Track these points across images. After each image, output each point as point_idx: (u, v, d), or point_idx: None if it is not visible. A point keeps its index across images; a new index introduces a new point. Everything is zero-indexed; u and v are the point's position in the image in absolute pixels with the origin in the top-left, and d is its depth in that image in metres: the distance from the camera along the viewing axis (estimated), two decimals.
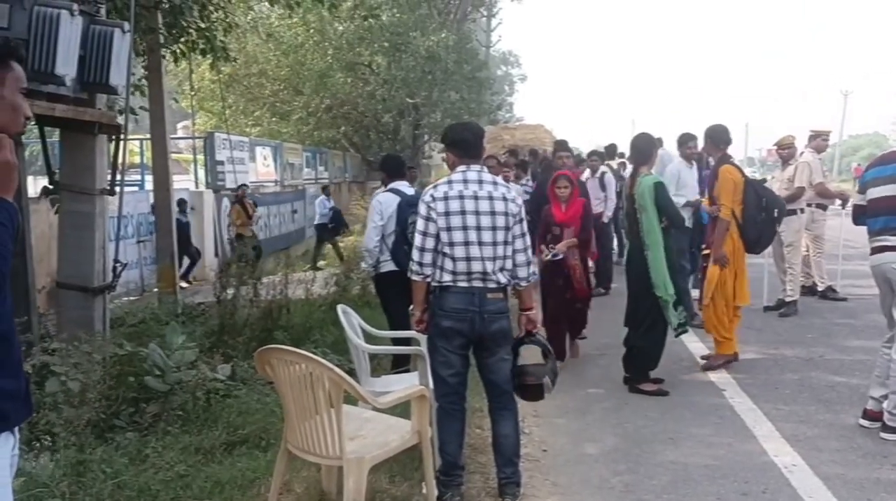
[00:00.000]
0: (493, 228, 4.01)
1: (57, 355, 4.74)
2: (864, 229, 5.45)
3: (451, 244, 3.99)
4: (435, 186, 4.13)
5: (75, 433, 4.31)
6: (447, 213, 4.00)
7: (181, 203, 15.08)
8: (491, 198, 4.04)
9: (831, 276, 9.70)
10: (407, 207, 5.70)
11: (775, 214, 6.67)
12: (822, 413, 5.53)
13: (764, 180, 7.70)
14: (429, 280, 4.08)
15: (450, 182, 4.09)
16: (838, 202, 9.59)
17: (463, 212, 4.00)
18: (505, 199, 4.06)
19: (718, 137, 6.78)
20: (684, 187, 8.43)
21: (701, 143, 7.52)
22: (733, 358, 6.72)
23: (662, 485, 4.37)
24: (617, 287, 9.62)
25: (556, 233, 6.80)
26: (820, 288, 9.58)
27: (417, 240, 4.07)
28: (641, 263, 5.99)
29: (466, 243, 3.98)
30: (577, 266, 6.81)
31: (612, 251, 11.68)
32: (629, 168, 7.67)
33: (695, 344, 7.40)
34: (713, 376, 6.44)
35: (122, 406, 4.90)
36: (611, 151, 13.78)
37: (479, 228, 3.99)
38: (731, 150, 6.91)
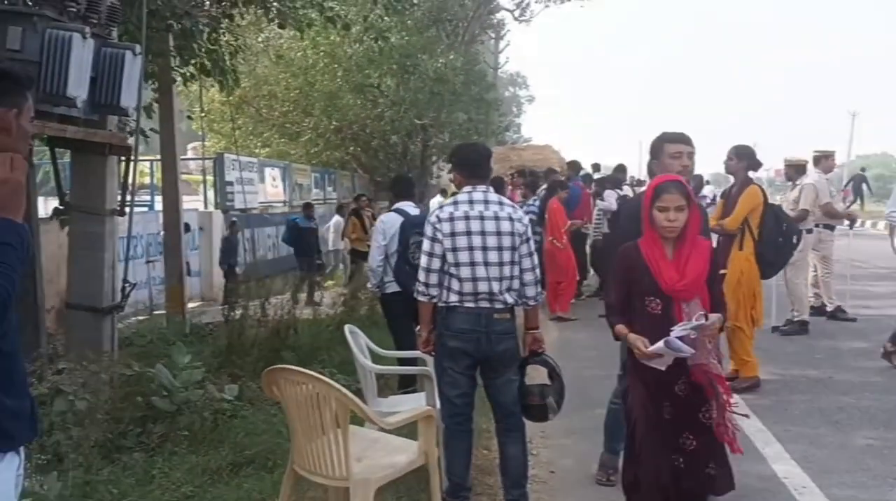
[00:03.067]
0: (500, 248, 4.02)
1: (65, 375, 4.76)
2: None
3: (457, 264, 4.00)
4: (441, 207, 4.16)
5: (83, 453, 4.32)
6: (453, 234, 4.02)
7: (307, 207, 15.16)
8: (497, 218, 4.06)
9: (840, 297, 9.65)
10: (410, 228, 5.73)
11: (794, 240, 6.66)
12: (832, 434, 5.48)
13: (779, 206, 7.66)
14: (435, 300, 4.08)
15: (455, 203, 4.12)
16: (846, 222, 9.57)
17: (469, 233, 4.02)
18: (511, 219, 4.08)
19: (747, 159, 6.69)
20: None
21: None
22: (758, 380, 6.60)
23: None
24: None
25: (654, 311, 3.45)
26: (829, 309, 9.53)
27: (423, 260, 4.08)
28: None
29: (472, 264, 3.99)
30: (722, 379, 3.50)
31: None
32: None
33: None
34: None
35: (129, 426, 4.91)
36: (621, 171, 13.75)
37: (485, 248, 4.01)
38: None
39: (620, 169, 13.94)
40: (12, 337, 2.15)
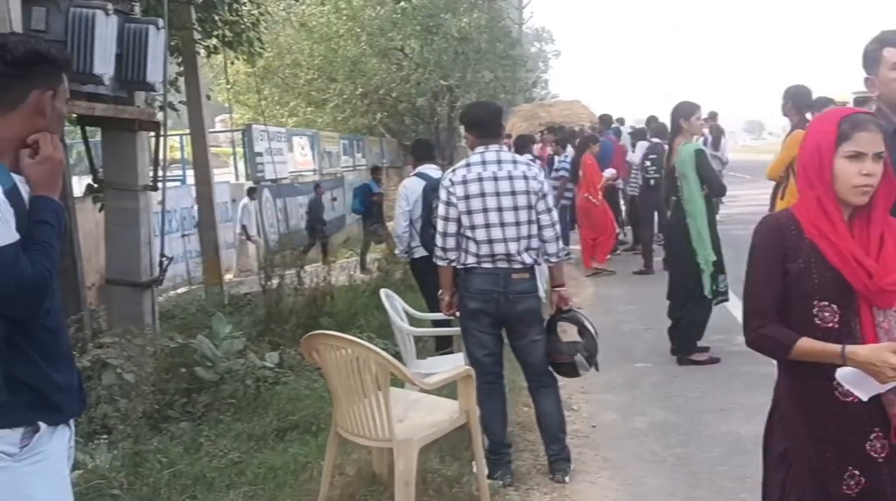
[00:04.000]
0: (515, 208, 3.99)
1: (110, 348, 4.85)
2: None
3: (473, 227, 3.99)
4: (454, 170, 4.13)
5: (131, 424, 4.41)
6: (467, 197, 3.99)
7: (375, 170, 15.77)
8: (511, 177, 4.01)
9: None
10: (431, 192, 5.70)
11: None
12: None
13: None
14: (454, 264, 4.08)
15: (468, 165, 4.08)
16: None
17: (483, 195, 3.98)
18: (525, 177, 4.03)
19: (801, 100, 6.38)
20: None
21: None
22: None
23: (715, 457, 4.33)
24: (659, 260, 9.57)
25: (826, 324, 2.19)
26: None
27: (439, 225, 4.08)
28: (682, 234, 5.92)
29: (487, 225, 3.97)
30: None
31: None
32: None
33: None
34: None
35: (174, 396, 4.99)
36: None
37: (500, 209, 3.98)
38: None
39: (653, 120, 13.61)
40: (56, 313, 2.18)
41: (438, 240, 4.09)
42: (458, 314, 4.25)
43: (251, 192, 15.09)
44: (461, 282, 4.11)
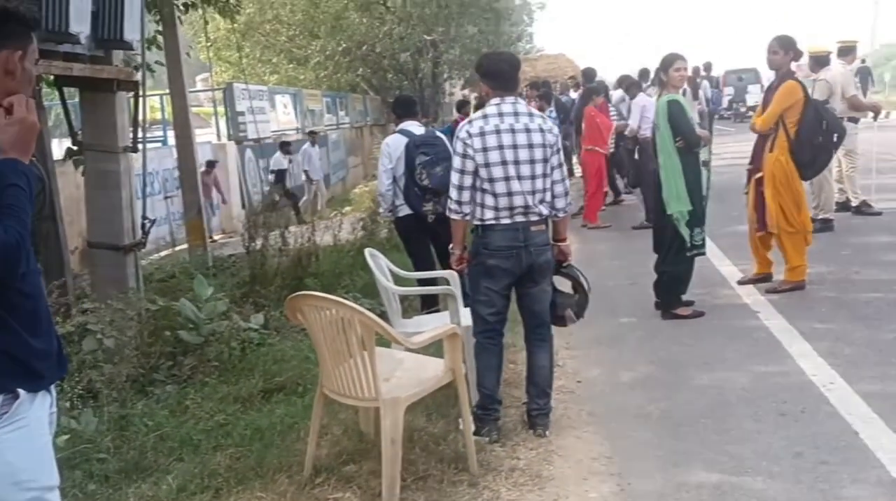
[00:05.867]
0: (532, 161, 3.98)
1: (92, 314, 4.82)
2: None
3: (492, 180, 3.96)
4: (470, 122, 4.08)
5: (116, 388, 4.41)
6: (485, 149, 3.96)
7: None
8: (528, 130, 4.00)
9: (865, 191, 9.50)
10: (414, 148, 5.64)
11: (834, 139, 6.31)
12: (859, 330, 5.46)
13: (826, 101, 7.33)
14: (468, 218, 4.06)
15: (485, 116, 4.04)
16: (871, 115, 9.32)
17: (501, 147, 3.96)
18: (542, 131, 4.02)
19: (795, 51, 6.34)
20: None
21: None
22: (802, 285, 6.42)
23: (699, 410, 4.37)
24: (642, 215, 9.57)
25: None
26: (854, 204, 9.39)
27: (455, 178, 4.04)
28: (660, 187, 5.92)
29: (507, 178, 3.95)
30: None
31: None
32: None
33: (727, 268, 7.31)
34: (747, 298, 6.38)
35: (159, 360, 4.98)
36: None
37: (517, 162, 3.96)
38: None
39: (644, 73, 13.36)
40: (33, 278, 2.16)
41: (454, 194, 4.05)
42: (466, 271, 4.25)
43: (312, 135, 16.02)
44: (478, 239, 4.09)
